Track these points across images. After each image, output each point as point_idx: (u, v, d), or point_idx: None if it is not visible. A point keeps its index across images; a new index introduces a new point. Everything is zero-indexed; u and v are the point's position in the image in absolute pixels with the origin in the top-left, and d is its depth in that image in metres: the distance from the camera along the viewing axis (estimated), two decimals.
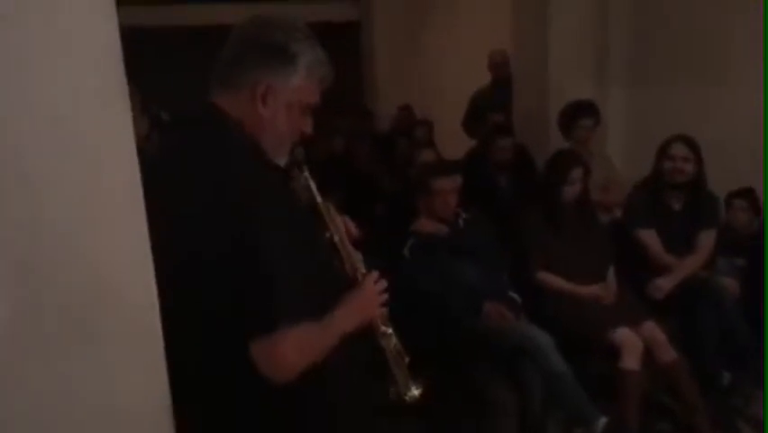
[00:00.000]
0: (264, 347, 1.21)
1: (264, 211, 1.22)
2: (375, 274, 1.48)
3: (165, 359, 1.14)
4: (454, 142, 5.03)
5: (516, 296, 2.98)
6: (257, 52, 1.32)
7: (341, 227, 1.50)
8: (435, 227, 2.97)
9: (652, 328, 2.84)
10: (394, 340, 1.52)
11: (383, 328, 1.50)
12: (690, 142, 3.16)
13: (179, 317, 1.15)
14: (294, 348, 1.22)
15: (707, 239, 3.21)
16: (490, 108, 4.68)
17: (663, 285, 3.11)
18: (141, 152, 1.12)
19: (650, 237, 3.23)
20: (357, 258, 1.50)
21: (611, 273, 3.11)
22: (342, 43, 7.06)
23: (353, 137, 5.03)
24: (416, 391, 1.51)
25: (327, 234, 1.47)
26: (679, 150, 3.15)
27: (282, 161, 1.41)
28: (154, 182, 1.10)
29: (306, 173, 1.47)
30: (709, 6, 3.77)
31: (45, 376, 1.00)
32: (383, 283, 1.48)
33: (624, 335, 2.76)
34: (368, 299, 1.44)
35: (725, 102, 3.70)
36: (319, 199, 1.48)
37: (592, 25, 4.14)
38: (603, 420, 2.59)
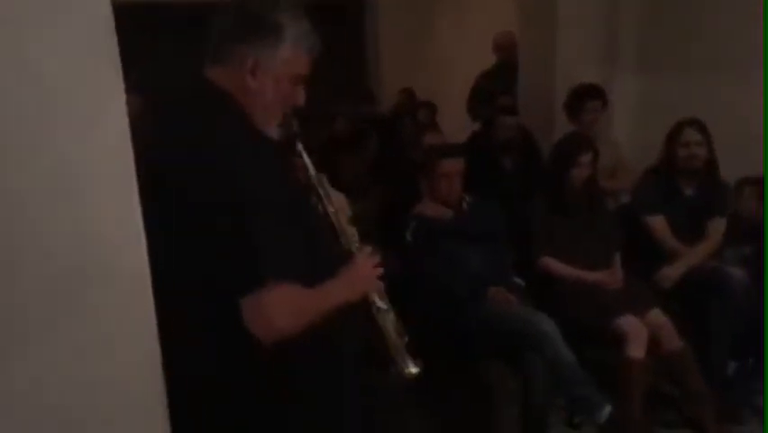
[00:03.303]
0: (252, 303, 1.25)
1: (250, 174, 1.27)
2: (368, 248, 1.52)
3: (157, 327, 1.15)
4: (460, 126, 4.97)
5: (520, 281, 2.93)
6: (244, 27, 1.37)
7: (334, 201, 1.53)
8: (439, 211, 2.92)
9: (657, 316, 2.80)
10: (391, 316, 1.54)
11: (379, 303, 1.52)
12: (701, 127, 3.11)
13: (172, 281, 1.17)
14: (281, 306, 1.26)
15: (717, 227, 3.16)
16: (496, 91, 4.61)
17: (671, 274, 3.07)
18: (137, 126, 1.11)
19: (659, 223, 3.19)
20: (351, 232, 1.53)
21: (617, 260, 3.06)
22: (346, 25, 7.00)
23: (355, 119, 4.97)
24: (414, 369, 1.53)
25: (321, 207, 1.51)
26: (692, 135, 3.10)
27: (274, 132, 1.43)
28: (149, 155, 1.14)
29: (300, 146, 1.50)
30: None
31: (33, 348, 0.99)
32: (376, 258, 1.51)
33: (629, 322, 2.71)
34: (361, 273, 1.48)
35: (734, 89, 3.63)
36: (312, 171, 1.50)
37: (602, 8, 4.08)
38: (608, 409, 2.55)
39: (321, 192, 1.51)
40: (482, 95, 5.04)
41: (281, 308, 1.26)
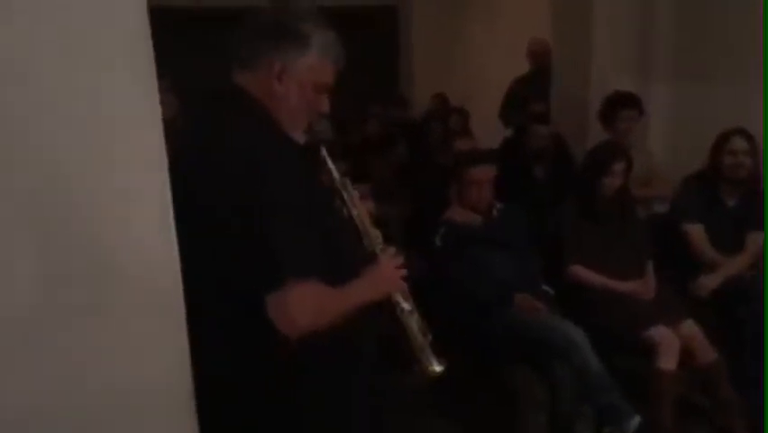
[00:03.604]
0: (275, 301, 1.28)
1: (273, 176, 1.31)
2: (392, 250, 1.54)
3: (186, 326, 1.17)
4: (491, 132, 4.95)
5: (548, 289, 2.91)
6: (272, 34, 1.42)
7: (358, 203, 1.55)
8: (469, 217, 2.92)
9: (690, 327, 2.76)
10: (416, 317, 1.56)
11: (403, 305, 1.54)
12: (748, 136, 3.08)
13: (193, 280, 1.20)
14: (303, 304, 1.29)
15: (756, 239, 3.11)
16: (529, 97, 4.58)
17: (709, 283, 3.03)
18: (172, 129, 1.13)
19: (697, 232, 3.15)
20: (375, 234, 1.55)
21: (650, 269, 3.02)
22: (381, 30, 7.03)
23: (386, 122, 5.00)
24: (438, 367, 1.53)
25: (345, 210, 1.53)
26: (739, 144, 3.07)
27: (300, 137, 1.48)
28: (180, 155, 1.20)
29: (324, 151, 1.53)
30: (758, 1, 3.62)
31: (67, 346, 1.01)
32: (400, 259, 1.54)
33: (661, 333, 2.68)
34: (384, 273, 1.51)
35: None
36: (336, 175, 1.53)
37: (636, 15, 4.02)
38: (637, 420, 2.52)
39: (345, 195, 1.54)
40: (515, 101, 5.01)
41: (304, 306, 1.29)
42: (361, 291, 1.44)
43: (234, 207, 1.29)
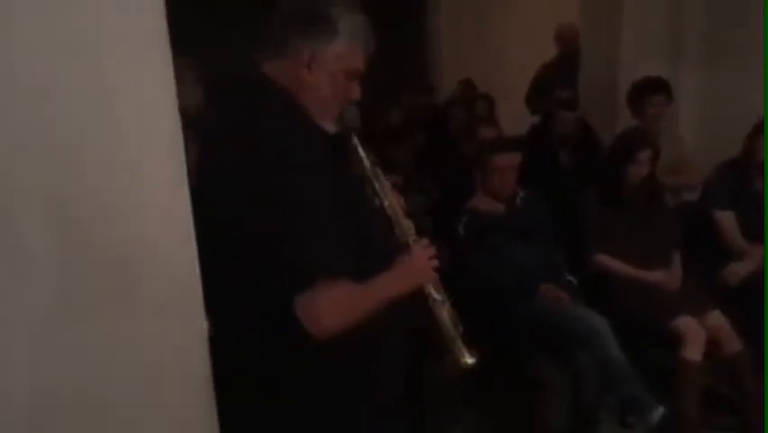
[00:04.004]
0: (305, 302, 1.25)
1: (303, 168, 1.26)
2: (425, 241, 1.50)
3: (205, 318, 1.17)
4: (518, 118, 4.90)
5: (573, 279, 2.89)
6: (300, 21, 1.37)
7: (390, 193, 1.51)
8: (492, 205, 2.91)
9: (717, 318, 2.72)
10: (448, 307, 1.53)
11: (435, 295, 1.51)
12: None
13: (227, 278, 1.21)
14: (334, 304, 1.25)
15: None
16: (556, 83, 4.52)
17: (739, 270, 3.00)
18: (197, 119, 1.14)
19: (728, 219, 3.13)
20: (407, 225, 1.50)
21: (677, 259, 2.98)
22: (408, 17, 6.97)
23: (408, 108, 4.97)
24: (470, 360, 1.51)
25: (377, 201, 1.49)
26: None
27: (331, 127, 1.43)
28: (207, 145, 1.22)
29: (356, 139, 1.48)
30: None
31: (87, 336, 1.03)
32: (432, 250, 1.50)
33: (687, 323, 2.64)
34: (417, 265, 1.46)
35: None
36: (367, 164, 1.49)
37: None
38: (660, 410, 2.50)
39: (376, 185, 1.49)
40: (543, 87, 4.95)
41: (334, 308, 1.26)
42: (393, 284, 1.40)
43: (262, 201, 1.26)
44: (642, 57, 3.92)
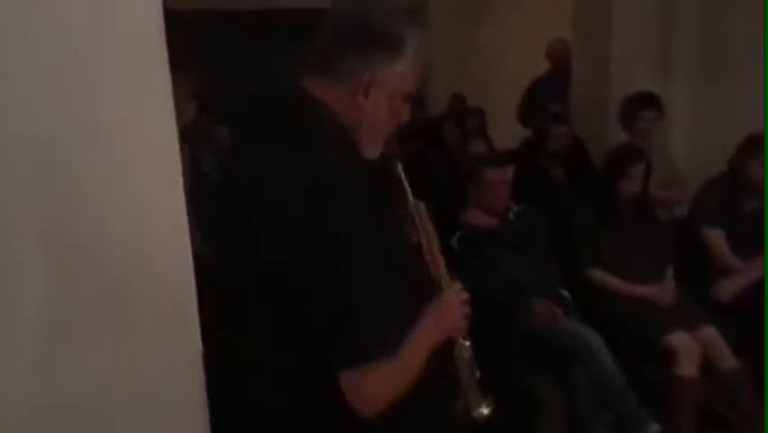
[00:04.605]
0: (350, 381, 1.10)
1: (356, 227, 1.08)
2: (457, 285, 1.36)
3: (200, 335, 1.15)
4: (510, 133, 4.91)
5: (566, 293, 2.88)
6: (360, 40, 1.19)
7: (430, 229, 1.37)
8: (485, 220, 2.89)
9: (711, 334, 2.71)
10: (469, 353, 1.39)
11: (461, 341, 1.36)
12: None
13: (259, 336, 1.13)
14: (381, 386, 1.12)
15: None
16: (548, 98, 4.54)
17: (730, 287, 2.98)
18: (188, 132, 1.13)
19: (717, 237, 3.10)
20: (442, 263, 1.37)
21: (670, 274, 2.97)
22: None
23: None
24: (485, 410, 1.37)
25: (415, 238, 1.34)
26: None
27: (376, 153, 1.27)
28: (226, 172, 1.13)
29: (400, 167, 1.33)
30: None
31: (83, 360, 1.02)
32: (465, 294, 1.36)
33: (681, 339, 2.64)
34: (450, 311, 1.31)
35: None
36: (411, 198, 1.34)
37: (659, 14, 3.97)
38: (655, 428, 2.48)
39: (417, 221, 1.34)
40: (534, 102, 4.97)
41: (382, 389, 1.13)
42: (428, 336, 1.23)
43: (304, 249, 1.08)
44: (633, 72, 3.94)
